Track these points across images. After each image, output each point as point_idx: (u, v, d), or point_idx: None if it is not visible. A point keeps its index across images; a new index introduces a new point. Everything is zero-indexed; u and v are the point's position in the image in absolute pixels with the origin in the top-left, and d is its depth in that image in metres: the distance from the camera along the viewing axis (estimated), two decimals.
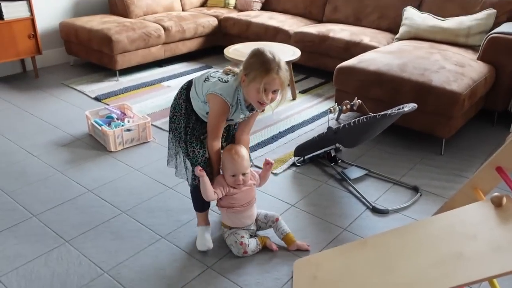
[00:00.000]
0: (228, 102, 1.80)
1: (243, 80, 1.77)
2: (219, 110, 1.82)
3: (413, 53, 3.24)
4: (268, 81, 1.73)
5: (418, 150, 2.93)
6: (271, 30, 4.33)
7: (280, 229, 2.04)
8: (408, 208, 2.34)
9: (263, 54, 1.75)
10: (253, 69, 1.73)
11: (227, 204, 1.98)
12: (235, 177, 1.92)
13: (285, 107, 3.55)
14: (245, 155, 1.94)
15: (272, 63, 1.73)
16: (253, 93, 1.76)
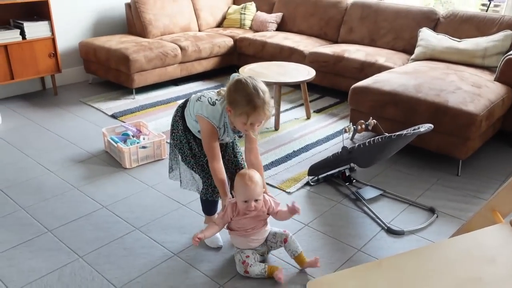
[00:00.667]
0: (215, 125, 1.86)
1: (228, 110, 1.81)
2: (207, 131, 1.88)
3: (429, 74, 3.23)
4: (255, 117, 1.76)
5: (434, 170, 2.90)
6: (286, 50, 4.37)
7: (290, 250, 2.00)
8: (424, 230, 2.30)
9: (247, 90, 1.75)
10: (238, 105, 1.75)
11: (234, 227, 1.97)
12: (247, 203, 1.89)
13: (300, 126, 3.56)
14: (258, 181, 1.91)
15: (258, 100, 1.74)
16: (239, 125, 1.82)
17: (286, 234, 2.02)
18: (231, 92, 1.79)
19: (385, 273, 1.78)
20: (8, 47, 3.68)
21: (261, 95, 1.75)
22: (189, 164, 2.04)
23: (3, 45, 3.65)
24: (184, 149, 2.03)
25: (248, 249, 1.98)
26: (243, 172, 1.95)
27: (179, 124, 2.02)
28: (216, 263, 2.03)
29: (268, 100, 1.77)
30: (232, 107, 1.78)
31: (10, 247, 2.11)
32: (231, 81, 1.83)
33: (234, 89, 1.79)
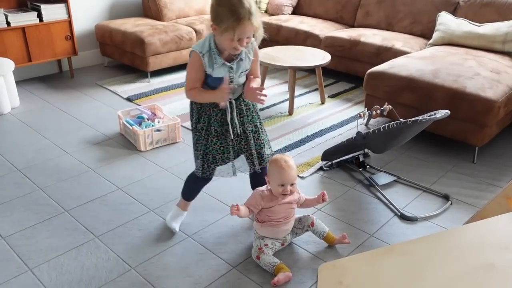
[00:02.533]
0: (197, 50, 1.75)
1: (214, 29, 1.70)
2: (191, 63, 1.79)
3: (447, 59, 3.18)
4: (241, 30, 1.65)
5: (450, 157, 2.87)
6: (301, 34, 4.33)
7: (318, 232, 2.03)
8: (438, 216, 2.29)
9: (230, 1, 1.64)
10: (223, 19, 1.65)
11: (264, 218, 1.97)
12: (284, 187, 1.89)
13: (314, 111, 3.54)
14: (293, 165, 1.91)
15: (242, 10, 1.63)
16: (227, 42, 1.70)
17: (312, 217, 2.04)
18: (213, 7, 1.69)
19: (397, 258, 1.78)
20: (25, 30, 3.71)
21: (246, 5, 1.65)
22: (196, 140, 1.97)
23: (20, 27, 3.68)
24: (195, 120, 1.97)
25: (272, 238, 1.99)
26: (277, 156, 1.93)
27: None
28: (229, 246, 2.06)
29: (254, 10, 1.67)
30: (216, 23, 1.68)
31: (29, 226, 2.17)
32: None
33: (217, 3, 1.69)
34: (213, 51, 1.77)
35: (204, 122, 1.92)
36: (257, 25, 1.71)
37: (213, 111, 1.89)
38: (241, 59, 1.82)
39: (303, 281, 1.86)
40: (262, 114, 3.47)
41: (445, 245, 1.73)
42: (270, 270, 1.88)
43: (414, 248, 1.80)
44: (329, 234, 2.04)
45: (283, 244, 2.02)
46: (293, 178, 1.90)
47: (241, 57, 1.81)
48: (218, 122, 1.91)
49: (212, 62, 1.77)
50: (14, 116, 3.37)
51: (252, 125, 1.98)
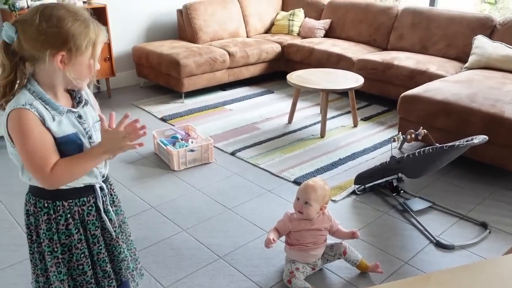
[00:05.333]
0: (20, 106, 1.15)
1: (61, 61, 1.16)
2: (24, 129, 1.16)
3: (484, 83, 3.12)
4: (101, 42, 1.24)
5: (487, 184, 2.79)
6: (333, 57, 4.34)
7: (351, 260, 2.01)
8: (476, 245, 2.22)
9: (67, 12, 1.17)
10: (77, 35, 1.16)
11: (293, 241, 1.97)
12: (298, 201, 1.93)
13: (346, 134, 3.52)
14: (318, 189, 1.91)
15: (86, 16, 1.22)
16: (84, 70, 1.22)
17: (344, 245, 2.02)
18: (49, 28, 1.13)
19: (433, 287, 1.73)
20: None
21: (80, 10, 1.22)
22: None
23: None
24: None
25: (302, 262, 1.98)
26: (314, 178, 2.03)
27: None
28: (261, 269, 2.05)
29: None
30: (70, 47, 1.15)
31: None
32: (29, 18, 1.14)
33: (48, 22, 1.14)
34: (44, 98, 1.20)
35: (56, 230, 1.31)
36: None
37: (71, 206, 1.31)
38: (86, 103, 1.33)
39: None
40: (293, 136, 3.49)
41: (485, 275, 1.67)
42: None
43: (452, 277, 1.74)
44: (362, 261, 2.01)
45: (313, 268, 1.99)
46: (309, 197, 1.89)
47: (85, 97, 1.33)
48: (78, 224, 1.33)
49: (50, 115, 1.20)
50: None
51: (120, 220, 1.49)
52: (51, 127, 1.19)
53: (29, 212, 1.32)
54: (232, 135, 3.49)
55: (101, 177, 1.37)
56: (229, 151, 3.21)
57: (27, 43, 1.14)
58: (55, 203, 1.29)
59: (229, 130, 3.58)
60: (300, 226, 1.93)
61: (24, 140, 1.16)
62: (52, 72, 1.19)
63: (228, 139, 3.41)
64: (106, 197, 1.38)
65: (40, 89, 1.20)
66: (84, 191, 1.32)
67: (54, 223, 1.30)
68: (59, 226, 1.30)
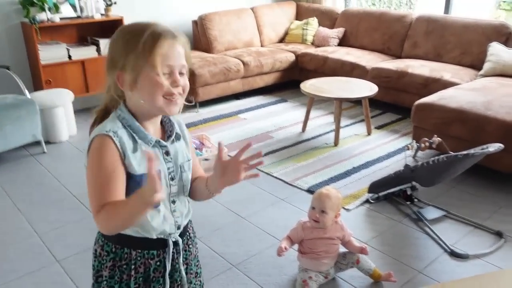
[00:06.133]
0: (104, 132, 1.05)
1: (121, 82, 1.06)
2: (96, 157, 1.06)
3: (499, 91, 3.10)
4: (165, 52, 1.03)
5: (503, 193, 2.76)
6: (347, 65, 4.35)
7: (364, 269, 2.01)
8: (491, 255, 2.19)
9: (133, 25, 1.09)
10: (130, 49, 1.02)
11: (305, 250, 1.98)
12: (314, 210, 1.93)
13: (360, 142, 3.52)
14: (332, 197, 1.93)
15: (156, 26, 1.06)
16: (149, 88, 1.03)
17: (357, 255, 2.02)
18: (112, 45, 1.08)
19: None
20: (85, 62, 3.96)
21: (159, 24, 1.08)
22: None
23: (80, 60, 3.93)
24: None
25: (314, 270, 1.98)
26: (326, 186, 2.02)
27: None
28: (274, 278, 2.06)
29: (175, 30, 1.10)
30: (123, 65, 1.03)
31: (82, 250, 2.27)
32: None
33: (115, 37, 1.09)
34: (133, 126, 1.08)
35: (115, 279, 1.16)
36: (187, 48, 1.10)
37: (139, 258, 1.15)
38: (178, 137, 1.18)
39: None
40: (307, 145, 3.50)
41: (500, 285, 1.65)
42: None
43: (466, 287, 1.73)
44: (376, 271, 2.00)
45: (326, 277, 2.00)
46: (324, 206, 1.91)
47: (177, 131, 1.18)
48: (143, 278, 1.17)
49: (135, 145, 1.08)
50: (71, 143, 3.56)
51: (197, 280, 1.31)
52: (131, 161, 1.05)
53: (96, 253, 1.19)
54: None
55: (177, 228, 1.18)
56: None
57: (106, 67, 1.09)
58: (123, 250, 1.14)
59: (243, 139, 3.61)
60: (313, 235, 1.94)
61: (93, 170, 1.06)
62: (130, 96, 1.08)
63: None
64: (179, 254, 1.18)
65: (129, 115, 1.09)
66: (156, 243, 1.14)
67: (118, 271, 1.15)
68: (123, 275, 1.15)
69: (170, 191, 1.15)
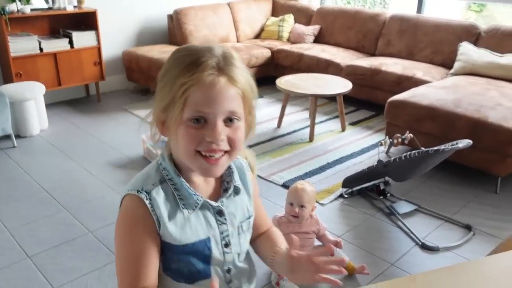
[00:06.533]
0: (134, 191, 0.85)
1: (163, 129, 0.87)
2: (122, 228, 0.88)
3: (469, 89, 3.19)
4: (202, 91, 0.80)
5: (472, 187, 2.84)
6: (322, 62, 4.39)
7: None
8: (460, 247, 2.27)
9: (185, 47, 0.86)
10: (166, 80, 0.84)
11: None
12: (292, 206, 1.95)
13: (334, 138, 3.57)
14: (308, 190, 1.96)
15: (206, 51, 0.83)
16: (181, 139, 0.82)
17: (331, 248, 2.04)
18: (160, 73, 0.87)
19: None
20: (57, 55, 3.87)
21: (216, 47, 0.86)
22: None
23: (52, 53, 3.84)
24: None
25: None
26: (298, 181, 2.04)
27: None
28: None
29: (232, 56, 0.86)
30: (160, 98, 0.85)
31: (54, 245, 2.22)
32: None
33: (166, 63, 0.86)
34: (175, 181, 0.87)
35: None
36: (246, 95, 0.87)
37: None
38: (236, 191, 0.93)
39: None
40: (282, 141, 3.52)
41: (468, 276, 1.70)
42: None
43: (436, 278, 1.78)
44: (349, 264, 2.04)
45: None
46: (302, 200, 1.93)
47: (236, 183, 0.93)
48: None
49: (176, 207, 0.86)
50: (43, 137, 3.48)
51: None
52: (169, 230, 0.82)
53: None
54: None
55: None
56: None
57: None
58: None
59: None
60: (288, 229, 1.95)
61: (120, 245, 0.85)
62: (170, 142, 0.86)
63: None
64: None
65: (171, 166, 0.85)
66: None
67: None
68: None
69: (224, 260, 0.91)
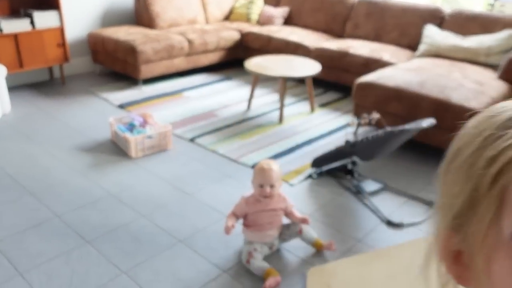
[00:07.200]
0: None
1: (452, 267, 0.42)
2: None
3: (433, 71, 3.27)
4: None
5: (436, 166, 2.90)
6: (291, 45, 4.40)
7: (306, 238, 2.08)
8: (423, 223, 2.35)
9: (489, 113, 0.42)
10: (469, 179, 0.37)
11: (250, 223, 2.02)
12: (262, 187, 1.95)
13: (303, 120, 3.60)
14: (275, 168, 1.96)
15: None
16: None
17: (300, 225, 2.08)
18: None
19: (383, 262, 1.83)
20: (18, 36, 3.73)
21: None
22: None
23: (13, 34, 3.70)
24: None
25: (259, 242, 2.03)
26: (262, 160, 2.03)
27: None
28: (219, 252, 2.09)
29: None
30: (456, 208, 0.41)
31: (19, 230, 2.18)
32: None
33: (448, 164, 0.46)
34: None
35: None
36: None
37: None
38: None
39: (292, 285, 1.90)
40: (252, 123, 3.53)
41: None
42: (259, 275, 1.91)
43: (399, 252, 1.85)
44: (317, 240, 2.08)
45: (271, 248, 2.05)
46: (272, 180, 1.94)
47: None
48: None
49: None
50: (5, 122, 3.37)
51: None
52: None
53: None
54: (191, 122, 3.49)
55: None
56: (187, 138, 3.22)
57: None
58: None
59: (188, 117, 3.58)
60: (256, 208, 1.98)
61: None
62: None
63: (187, 126, 3.41)
64: None
65: None
66: None
67: None
68: None
69: None
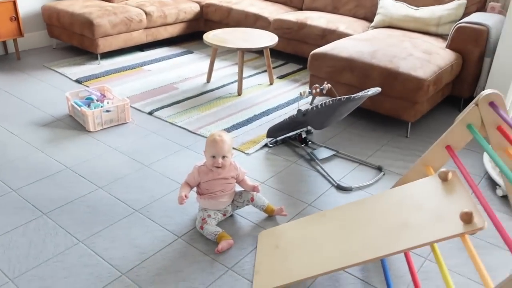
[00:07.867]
0: None
1: None
2: None
3: (385, 41, 3.37)
4: None
5: (386, 132, 3.08)
6: (251, 16, 4.42)
7: (258, 205, 2.17)
8: (371, 186, 2.48)
9: None
10: None
11: (203, 191, 2.09)
12: (215, 158, 2.01)
13: (262, 92, 3.67)
14: (227, 140, 2.02)
15: None
16: None
17: (252, 192, 2.17)
18: None
19: (327, 223, 1.95)
20: None
21: None
22: None
23: None
24: None
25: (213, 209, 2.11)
26: (213, 131, 2.07)
27: None
28: (175, 219, 2.17)
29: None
30: None
31: None
32: None
33: None
34: None
35: None
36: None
37: None
38: None
39: (244, 247, 2.00)
40: (211, 95, 3.57)
41: (370, 208, 1.90)
42: (212, 239, 2.01)
43: (343, 212, 1.97)
44: (269, 206, 2.18)
45: (224, 215, 2.15)
46: (224, 151, 2.00)
47: None
48: None
49: None
50: None
51: None
52: None
53: None
54: (150, 95, 3.51)
55: None
56: (146, 111, 3.24)
57: None
58: None
59: (147, 91, 3.59)
60: (208, 177, 2.05)
61: None
62: None
63: (146, 100, 3.43)
64: None
65: None
66: None
67: None
68: None
69: None
